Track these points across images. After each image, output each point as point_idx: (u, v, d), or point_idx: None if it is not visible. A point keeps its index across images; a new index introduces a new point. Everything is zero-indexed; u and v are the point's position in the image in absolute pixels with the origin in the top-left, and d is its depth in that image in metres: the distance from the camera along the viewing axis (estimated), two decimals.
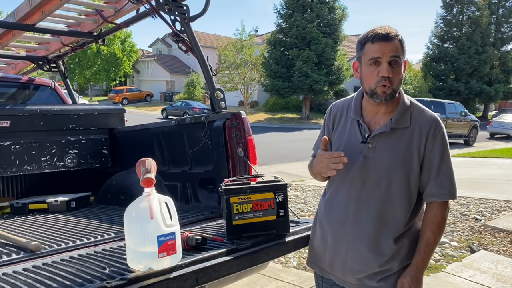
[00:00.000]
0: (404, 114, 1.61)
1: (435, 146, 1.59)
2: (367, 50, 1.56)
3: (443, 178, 1.59)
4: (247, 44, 28.92)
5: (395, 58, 1.52)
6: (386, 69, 1.51)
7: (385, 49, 1.51)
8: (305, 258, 4.24)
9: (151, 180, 1.54)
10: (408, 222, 1.65)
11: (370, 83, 1.57)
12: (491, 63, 32.99)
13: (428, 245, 1.60)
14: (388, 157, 1.59)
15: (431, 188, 1.60)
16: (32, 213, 3.07)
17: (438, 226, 1.61)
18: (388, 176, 1.59)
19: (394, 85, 1.55)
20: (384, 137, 1.60)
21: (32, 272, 1.65)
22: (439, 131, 1.60)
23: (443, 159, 1.60)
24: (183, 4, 2.82)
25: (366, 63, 1.57)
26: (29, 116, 3.21)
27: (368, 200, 1.63)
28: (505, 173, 9.36)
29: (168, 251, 1.50)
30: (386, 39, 1.51)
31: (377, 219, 1.62)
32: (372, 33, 1.55)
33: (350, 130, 1.69)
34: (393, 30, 1.54)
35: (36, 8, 3.16)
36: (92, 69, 41.85)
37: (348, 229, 1.67)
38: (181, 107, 30.00)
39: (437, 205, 1.61)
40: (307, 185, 7.93)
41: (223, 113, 2.74)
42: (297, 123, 27.38)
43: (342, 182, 1.70)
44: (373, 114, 1.65)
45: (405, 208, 1.62)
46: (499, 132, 21.47)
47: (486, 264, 4.00)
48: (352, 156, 1.62)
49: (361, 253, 1.65)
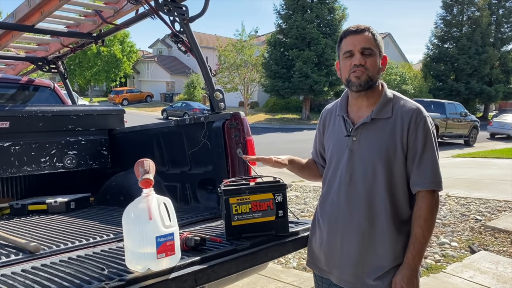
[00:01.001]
0: (385, 105, 1.64)
1: (418, 135, 1.58)
2: (342, 46, 1.66)
3: (425, 166, 1.58)
4: (247, 44, 28.95)
5: (366, 49, 1.60)
6: (358, 58, 1.59)
7: (355, 41, 1.61)
8: (305, 259, 4.23)
9: (150, 181, 1.54)
10: (403, 216, 1.63)
11: (345, 74, 1.65)
12: (491, 63, 32.97)
13: (416, 241, 1.57)
14: (371, 148, 1.61)
15: (414, 177, 1.60)
16: (31, 214, 3.06)
17: (425, 220, 1.57)
18: (373, 166, 1.60)
19: (369, 72, 1.60)
20: (367, 129, 1.63)
21: (30, 273, 1.64)
22: (421, 119, 1.59)
23: (426, 147, 1.58)
24: (182, 5, 2.82)
25: (342, 58, 1.66)
26: (28, 117, 3.21)
27: (357, 194, 1.63)
28: (506, 173, 9.35)
29: (166, 252, 1.50)
30: (356, 32, 1.62)
31: (368, 212, 1.62)
32: (345, 30, 1.67)
33: (338, 127, 1.75)
34: (364, 26, 1.63)
35: (36, 9, 3.16)
36: (92, 70, 41.86)
37: (341, 225, 1.68)
38: (181, 107, 30.02)
39: (421, 197, 1.58)
40: (307, 186, 7.92)
41: (223, 113, 2.74)
42: (297, 123, 27.39)
43: (333, 179, 1.73)
44: (357, 108, 1.70)
45: (395, 200, 1.61)
46: (500, 133, 21.45)
47: (486, 264, 3.99)
48: (340, 152, 1.69)
49: (355, 249, 1.64)
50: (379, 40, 1.64)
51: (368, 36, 1.61)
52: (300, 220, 2.31)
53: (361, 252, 1.64)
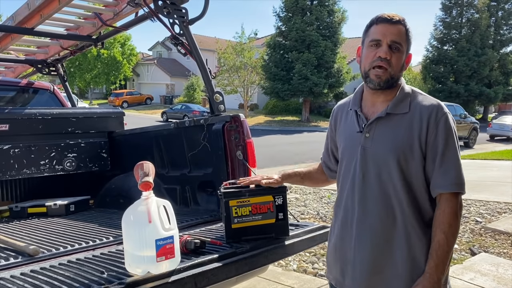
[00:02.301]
0: (402, 100, 1.51)
1: (438, 132, 1.44)
2: (370, 32, 1.51)
3: (448, 167, 1.44)
4: (247, 47, 28.98)
5: (396, 43, 1.46)
6: (384, 50, 1.45)
7: (387, 31, 1.46)
8: (305, 261, 4.23)
9: (149, 183, 1.54)
10: (423, 219, 1.48)
11: (365, 64, 1.51)
12: (490, 65, 33.02)
13: (440, 248, 1.41)
14: (385, 145, 1.48)
15: (435, 179, 1.45)
16: (31, 217, 3.06)
17: (449, 225, 1.42)
18: (387, 165, 1.47)
19: (392, 70, 1.47)
20: (381, 125, 1.50)
21: (29, 277, 1.64)
22: (442, 115, 1.46)
23: (448, 147, 1.44)
24: (182, 7, 2.82)
25: (367, 45, 1.51)
26: (28, 120, 3.21)
27: (372, 195, 1.50)
28: (505, 175, 9.34)
29: (166, 255, 1.49)
30: (390, 22, 1.47)
31: (384, 215, 1.48)
32: (378, 16, 1.51)
33: (350, 123, 1.61)
34: (401, 17, 1.49)
35: (35, 12, 3.16)
36: (92, 73, 41.88)
37: (354, 229, 1.54)
38: (181, 110, 30.02)
39: (444, 199, 1.44)
40: (307, 188, 7.90)
41: (222, 116, 2.74)
42: (297, 125, 27.39)
43: (345, 179, 1.60)
44: (372, 104, 1.56)
45: (413, 202, 1.47)
46: (499, 134, 21.45)
47: (486, 266, 3.98)
48: (353, 150, 1.55)
49: (369, 256, 1.50)
50: (411, 37, 1.50)
51: (401, 30, 1.47)
52: (300, 223, 2.31)
53: (375, 259, 1.49)
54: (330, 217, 5.70)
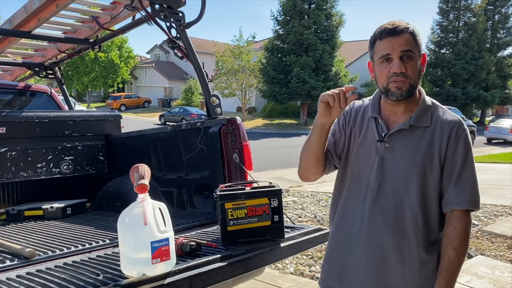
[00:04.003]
0: (425, 113, 1.48)
1: (458, 149, 1.43)
2: (377, 48, 1.45)
3: (464, 184, 1.43)
4: (245, 50, 29.04)
5: (406, 52, 1.40)
6: (397, 65, 1.40)
7: (394, 44, 1.40)
8: (302, 264, 4.23)
9: (145, 186, 1.54)
10: (433, 235, 1.47)
11: (382, 81, 1.45)
12: (487, 69, 33.14)
13: (450, 265, 1.40)
14: (407, 157, 1.44)
15: (450, 194, 1.44)
16: (27, 219, 3.06)
17: (460, 242, 1.41)
18: (406, 178, 1.44)
19: (411, 80, 1.42)
20: (403, 136, 1.46)
21: (25, 279, 1.64)
22: (463, 132, 1.45)
23: (466, 164, 1.44)
24: (179, 11, 2.83)
25: (377, 62, 1.46)
26: (25, 123, 3.21)
27: (386, 206, 1.46)
28: (503, 178, 9.38)
29: (162, 257, 1.50)
30: (394, 34, 1.40)
31: (396, 227, 1.45)
32: (380, 29, 1.45)
33: (366, 128, 1.54)
34: (403, 23, 1.43)
35: (33, 15, 3.17)
36: (90, 76, 41.84)
37: (362, 240, 1.49)
38: (179, 113, 30.01)
39: (457, 216, 1.43)
40: (304, 191, 7.92)
41: (219, 119, 2.75)
42: (295, 128, 27.41)
43: (355, 187, 1.54)
44: (392, 113, 1.52)
45: (426, 217, 1.45)
46: (496, 137, 21.51)
47: (483, 269, 3.99)
48: (368, 157, 1.51)
49: (376, 268, 1.47)
50: (419, 38, 1.44)
51: (408, 37, 1.40)
52: (296, 225, 2.31)
53: (383, 272, 1.46)
54: (327, 220, 5.71)
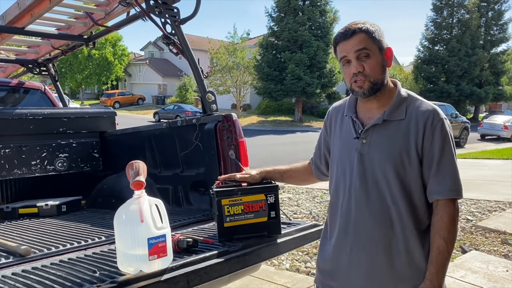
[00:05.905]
0: (399, 106, 1.50)
1: (434, 139, 1.45)
2: (337, 52, 1.53)
3: (444, 174, 1.45)
4: (239, 47, 28.97)
5: (361, 51, 1.45)
6: (354, 65, 1.46)
7: (348, 46, 1.46)
8: (298, 260, 4.24)
9: (141, 182, 1.54)
10: (420, 226, 1.48)
11: (347, 82, 1.53)
12: (481, 65, 33.35)
13: (440, 254, 1.42)
14: (382, 151, 1.48)
15: (431, 185, 1.46)
16: (22, 217, 3.04)
17: (448, 231, 1.43)
18: (384, 171, 1.47)
19: (370, 77, 1.46)
20: (378, 131, 1.50)
21: (21, 277, 1.63)
22: (438, 121, 1.46)
23: (444, 153, 1.45)
24: (174, 7, 2.81)
25: (341, 65, 1.54)
26: (19, 120, 3.19)
27: (369, 200, 1.49)
28: (496, 174, 9.45)
29: (158, 254, 1.49)
30: (346, 37, 1.46)
31: (382, 220, 1.47)
32: (336, 34, 1.52)
33: (345, 128, 1.60)
34: (357, 25, 1.47)
35: (26, 11, 3.14)
36: (83, 73, 41.62)
37: (350, 236, 1.52)
38: (173, 110, 29.93)
39: (442, 205, 1.45)
40: (300, 188, 7.93)
41: (215, 115, 2.74)
42: (290, 125, 27.45)
43: (340, 184, 1.58)
44: (366, 110, 1.56)
45: (411, 208, 1.47)
46: (490, 134, 21.68)
47: (477, 264, 4.02)
48: (349, 155, 1.54)
49: (366, 261, 1.49)
50: (376, 34, 1.47)
51: (361, 36, 1.44)
52: (292, 221, 2.31)
53: (373, 265, 1.48)
54: (322, 216, 5.72)
